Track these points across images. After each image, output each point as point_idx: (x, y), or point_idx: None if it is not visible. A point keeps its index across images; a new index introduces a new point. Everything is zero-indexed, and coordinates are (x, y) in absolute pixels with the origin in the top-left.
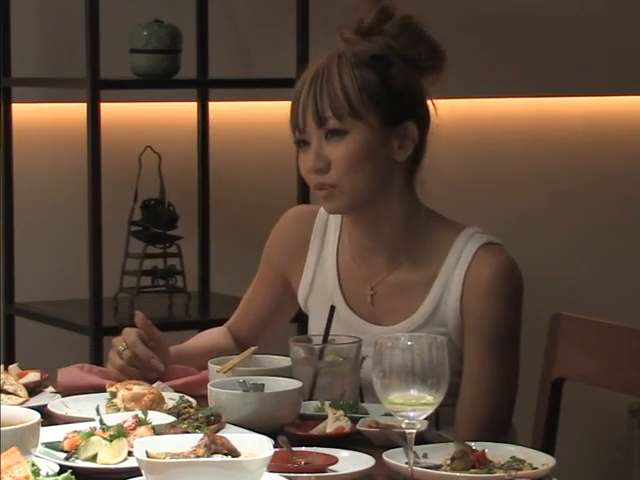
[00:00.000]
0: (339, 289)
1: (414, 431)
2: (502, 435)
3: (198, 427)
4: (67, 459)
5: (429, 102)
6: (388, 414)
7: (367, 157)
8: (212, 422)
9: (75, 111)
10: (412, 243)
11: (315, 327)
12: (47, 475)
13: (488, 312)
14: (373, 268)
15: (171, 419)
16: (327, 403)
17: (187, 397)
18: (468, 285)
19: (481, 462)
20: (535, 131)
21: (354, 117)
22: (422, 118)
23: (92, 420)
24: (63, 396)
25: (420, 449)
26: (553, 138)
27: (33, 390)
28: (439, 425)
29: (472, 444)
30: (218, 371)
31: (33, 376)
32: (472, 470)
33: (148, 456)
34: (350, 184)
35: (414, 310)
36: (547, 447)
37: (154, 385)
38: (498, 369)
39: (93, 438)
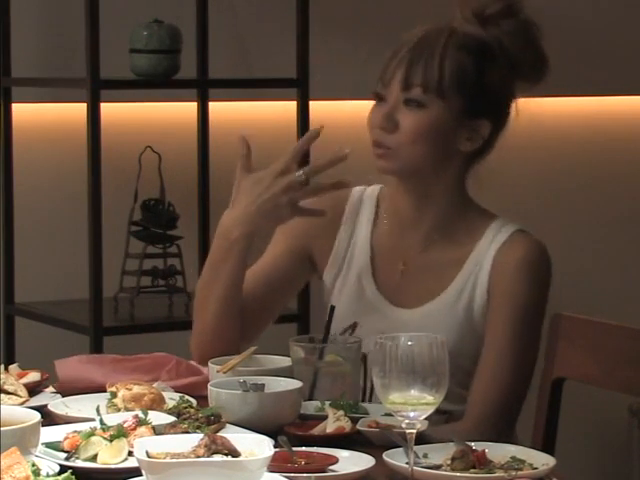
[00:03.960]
0: (370, 271)
1: (414, 431)
2: (513, 415)
3: (198, 427)
4: (67, 459)
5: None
6: (388, 414)
7: (433, 136)
8: (212, 422)
9: (75, 111)
10: (450, 223)
11: (336, 304)
12: (47, 475)
13: (514, 290)
14: (408, 242)
15: (171, 419)
16: (327, 403)
17: (187, 397)
18: (498, 265)
19: (481, 462)
20: (535, 131)
21: (438, 95)
22: (500, 119)
23: (92, 420)
24: (63, 396)
25: (420, 449)
26: (553, 138)
27: (33, 390)
28: None
29: (472, 444)
30: (218, 371)
31: (33, 376)
32: (472, 470)
33: (148, 456)
34: (406, 154)
35: (443, 289)
36: (547, 447)
37: (154, 385)
38: (517, 345)
39: (93, 438)
